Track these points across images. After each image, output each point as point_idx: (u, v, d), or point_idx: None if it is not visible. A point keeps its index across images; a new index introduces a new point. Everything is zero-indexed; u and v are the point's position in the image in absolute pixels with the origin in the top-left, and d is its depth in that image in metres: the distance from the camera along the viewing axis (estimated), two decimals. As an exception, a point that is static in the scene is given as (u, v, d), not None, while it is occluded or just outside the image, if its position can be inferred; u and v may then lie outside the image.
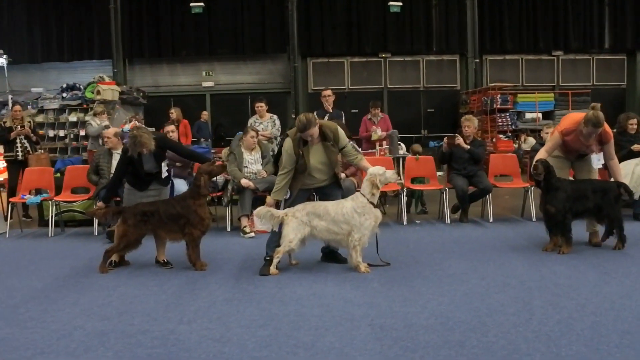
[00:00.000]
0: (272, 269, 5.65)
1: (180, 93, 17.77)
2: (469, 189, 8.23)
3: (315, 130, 5.61)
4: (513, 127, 15.55)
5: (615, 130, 8.96)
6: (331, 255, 6.05)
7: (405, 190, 8.41)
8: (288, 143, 5.81)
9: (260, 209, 5.81)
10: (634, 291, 4.79)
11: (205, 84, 17.82)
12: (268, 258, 5.74)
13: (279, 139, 9.51)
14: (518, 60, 17.93)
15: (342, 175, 7.18)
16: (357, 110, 17.68)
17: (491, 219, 8.23)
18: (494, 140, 15.30)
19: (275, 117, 9.62)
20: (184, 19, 17.09)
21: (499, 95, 15.40)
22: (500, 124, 15.43)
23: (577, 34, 17.76)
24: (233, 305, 4.73)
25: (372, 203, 5.65)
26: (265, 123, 9.39)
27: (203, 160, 6.24)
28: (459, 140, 8.20)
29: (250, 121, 9.59)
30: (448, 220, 8.24)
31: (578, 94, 16.89)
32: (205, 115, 15.82)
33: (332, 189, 5.99)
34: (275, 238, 5.76)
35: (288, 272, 5.75)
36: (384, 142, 10.22)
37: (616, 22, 17.91)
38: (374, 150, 9.40)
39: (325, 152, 5.77)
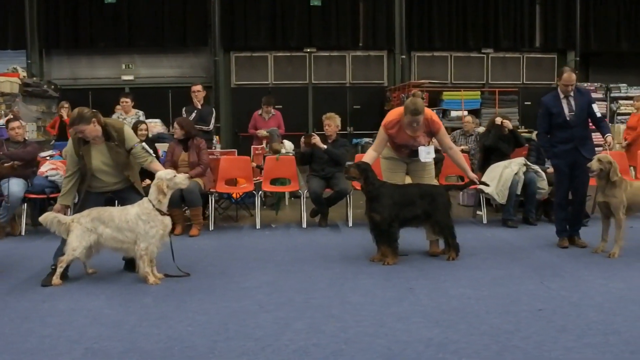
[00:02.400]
0: (55, 279, 5.18)
1: (99, 86, 17.06)
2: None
3: (87, 128, 5.12)
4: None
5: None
6: (132, 263, 5.54)
7: (261, 191, 7.92)
8: (69, 143, 5.31)
9: (47, 215, 5.33)
10: (416, 313, 4.33)
11: (124, 77, 17.14)
12: (53, 267, 5.24)
13: (144, 135, 8.98)
14: (447, 57, 17.47)
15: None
16: (280, 106, 17.15)
17: (350, 224, 7.78)
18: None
19: (140, 112, 9.13)
20: (103, 10, 16.40)
21: (412, 92, 14.92)
22: (414, 122, 14.95)
23: (507, 32, 17.34)
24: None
25: (159, 210, 5.13)
26: (129, 119, 8.86)
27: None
28: (315, 139, 7.74)
29: (114, 117, 9.05)
30: (305, 225, 7.76)
31: (505, 92, 16.48)
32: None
33: (129, 193, 5.50)
34: (62, 246, 5.27)
35: (75, 282, 5.31)
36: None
37: (547, 21, 17.51)
38: (233, 150, 8.88)
39: (109, 153, 5.28)
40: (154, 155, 5.55)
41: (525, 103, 17.55)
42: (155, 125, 11.14)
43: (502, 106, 16.38)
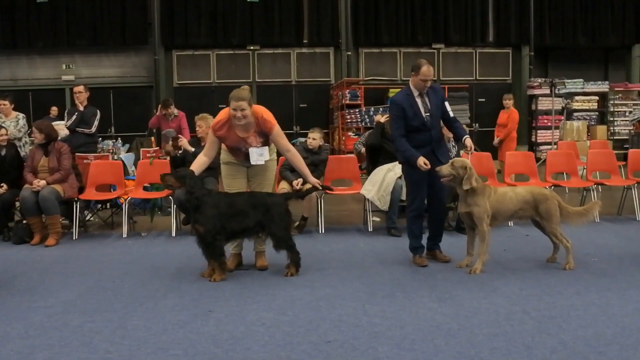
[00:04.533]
0: None
1: (39, 87, 16.64)
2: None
3: None
4: (363, 124, 14.56)
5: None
6: None
7: (128, 198, 7.44)
8: None
9: None
10: (183, 343, 3.83)
11: (65, 77, 16.69)
12: None
13: (24, 139, 8.52)
14: (396, 53, 16.96)
15: None
16: (224, 106, 16.65)
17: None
18: (344, 138, 14.34)
19: (21, 116, 8.62)
20: (40, 9, 15.94)
21: (347, 91, 14.41)
22: (348, 120, 14.44)
23: (458, 26, 16.83)
24: None
25: None
26: (7, 122, 8.37)
27: None
28: (182, 141, 7.25)
29: (-7, 121, 8.60)
30: (174, 233, 7.28)
31: (455, 88, 15.97)
32: (55, 110, 14.76)
33: None
34: None
35: None
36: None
37: (500, 15, 17.01)
38: (106, 154, 8.41)
39: None
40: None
41: (479, 100, 17.13)
42: (63, 128, 10.71)
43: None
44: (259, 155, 5.42)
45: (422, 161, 5.39)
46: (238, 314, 4.37)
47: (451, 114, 5.70)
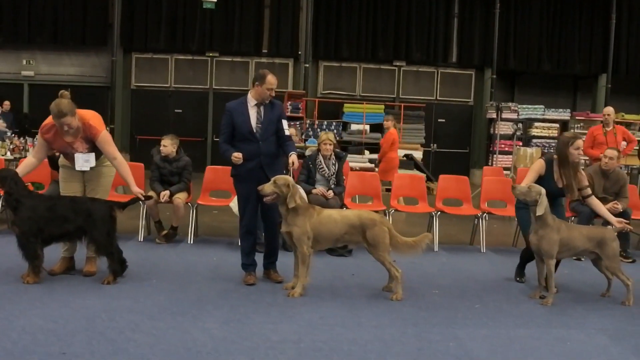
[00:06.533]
0: None
1: (-2, 80, 16.70)
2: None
3: None
4: (304, 136, 14.48)
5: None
6: None
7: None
8: None
9: None
10: None
11: (24, 73, 16.74)
12: None
13: None
14: (356, 68, 16.90)
15: None
16: (180, 111, 16.76)
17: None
18: (283, 150, 14.23)
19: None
20: (2, 4, 16.02)
21: (289, 103, 14.34)
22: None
23: (420, 45, 16.72)
24: None
25: None
26: None
27: None
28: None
29: None
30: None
31: (411, 107, 15.88)
32: (7, 104, 14.83)
33: None
34: None
35: None
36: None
37: (463, 36, 16.90)
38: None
39: None
40: None
41: (439, 120, 16.99)
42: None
43: (408, 122, 15.81)
44: (84, 161, 5.36)
45: (233, 154, 5.40)
46: (14, 319, 4.32)
47: (286, 132, 5.63)
